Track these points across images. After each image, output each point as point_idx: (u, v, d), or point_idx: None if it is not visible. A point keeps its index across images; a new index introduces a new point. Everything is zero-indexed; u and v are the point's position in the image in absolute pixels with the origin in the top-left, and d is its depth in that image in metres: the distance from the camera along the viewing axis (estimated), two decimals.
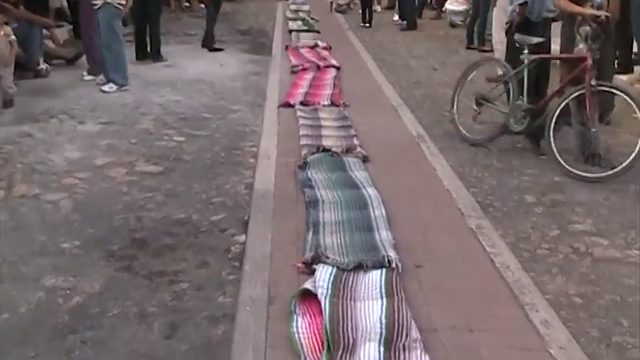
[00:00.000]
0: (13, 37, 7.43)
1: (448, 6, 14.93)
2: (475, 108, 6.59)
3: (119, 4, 8.16)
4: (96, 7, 8.13)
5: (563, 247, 4.23)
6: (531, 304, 3.45)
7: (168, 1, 15.33)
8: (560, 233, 4.43)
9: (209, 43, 11.19)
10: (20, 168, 5.37)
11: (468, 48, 11.61)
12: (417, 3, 15.17)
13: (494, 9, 9.51)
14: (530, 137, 6.23)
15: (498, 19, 9.35)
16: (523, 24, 6.53)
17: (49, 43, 9.69)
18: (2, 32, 7.33)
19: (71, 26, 11.48)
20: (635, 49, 8.51)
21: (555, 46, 7.84)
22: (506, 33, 6.84)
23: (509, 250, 4.11)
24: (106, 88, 8.05)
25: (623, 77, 8.11)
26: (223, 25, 13.73)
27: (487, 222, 4.53)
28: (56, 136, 6.26)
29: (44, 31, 9.40)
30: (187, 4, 16.23)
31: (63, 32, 11.12)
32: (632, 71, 8.22)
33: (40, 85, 8.24)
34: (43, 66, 8.83)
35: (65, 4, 11.77)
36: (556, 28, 7.08)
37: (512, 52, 6.78)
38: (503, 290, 3.61)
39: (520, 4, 6.48)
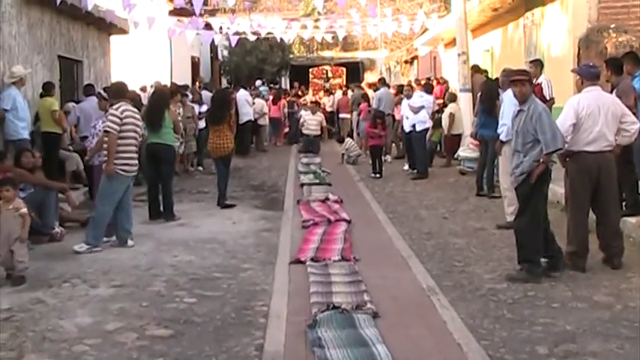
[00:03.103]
0: (24, 209, 7.27)
1: (461, 153, 15.37)
2: None
3: (122, 170, 8.54)
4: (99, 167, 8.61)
5: None
6: None
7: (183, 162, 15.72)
8: None
9: (221, 202, 11.52)
10: (31, 336, 5.46)
11: (478, 195, 11.87)
12: (426, 152, 15.56)
13: (500, 157, 9.82)
14: None
15: (504, 166, 9.66)
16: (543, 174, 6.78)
17: (66, 206, 10.04)
18: (11, 206, 7.22)
19: (87, 188, 11.91)
20: None
21: (560, 189, 8.06)
22: (522, 183, 6.94)
23: None
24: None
25: (632, 219, 8.24)
26: (236, 180, 14.17)
27: None
28: (68, 301, 6.38)
29: (60, 194, 9.79)
30: (200, 167, 16.55)
31: (79, 195, 11.53)
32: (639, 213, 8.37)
33: (54, 249, 8.47)
34: (57, 230, 9.10)
35: (81, 166, 12.26)
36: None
37: (530, 201, 6.90)
38: None
39: (548, 153, 6.71)
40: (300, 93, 29.12)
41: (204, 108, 16.45)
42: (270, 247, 8.50)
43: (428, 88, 16.56)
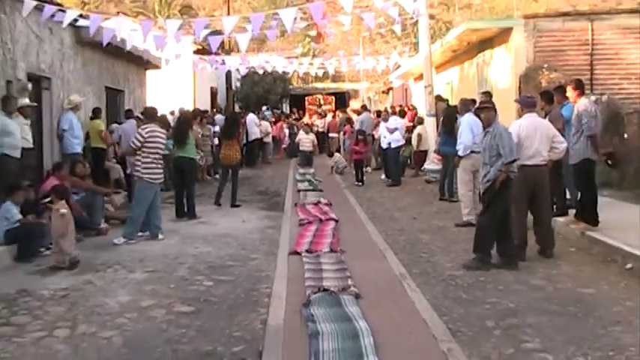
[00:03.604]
0: (63, 210, 7.19)
1: (427, 166, 15.41)
2: None
3: (150, 178, 8.63)
4: (135, 179, 8.74)
5: None
6: None
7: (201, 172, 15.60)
8: (515, 352, 4.46)
9: (216, 201, 11.61)
10: (82, 310, 5.48)
11: (441, 199, 11.88)
12: (399, 165, 15.57)
13: (458, 169, 9.84)
14: None
15: (461, 176, 9.69)
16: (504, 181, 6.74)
17: (110, 207, 10.05)
18: (55, 207, 7.25)
19: (126, 192, 11.91)
20: (567, 196, 8.76)
21: None
22: (488, 189, 6.86)
23: None
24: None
25: (561, 219, 8.29)
26: (245, 187, 14.15)
27: (456, 345, 4.57)
28: (111, 283, 6.39)
29: (105, 198, 9.81)
30: (217, 176, 16.44)
31: (120, 198, 11.52)
32: (567, 214, 8.42)
33: (101, 241, 8.48)
34: (103, 226, 9.12)
35: (122, 175, 12.27)
36: None
37: (491, 204, 6.84)
38: None
39: (507, 163, 6.68)
40: (299, 117, 29.13)
41: (217, 128, 16.50)
42: (273, 241, 8.49)
43: (401, 114, 16.62)
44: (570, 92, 8.17)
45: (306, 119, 27.99)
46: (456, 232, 8.90)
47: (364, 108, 20.90)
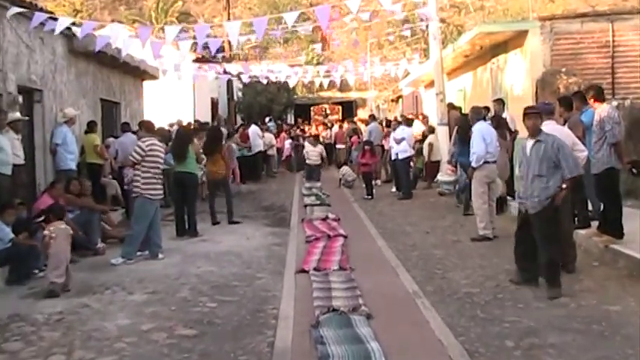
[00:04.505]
0: (46, 231, 7.15)
1: (440, 177, 15.38)
2: None
3: (151, 194, 8.68)
4: (134, 196, 8.86)
5: None
6: None
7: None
8: None
9: (213, 220, 11.58)
10: (79, 335, 5.48)
11: (458, 207, 11.83)
12: (411, 177, 15.59)
13: (472, 181, 9.80)
14: None
15: (476, 188, 9.66)
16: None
17: (106, 226, 10.07)
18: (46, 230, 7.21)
19: (124, 209, 11.95)
20: (589, 207, 8.73)
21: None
22: (547, 206, 6.47)
23: None
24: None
25: (582, 231, 8.26)
26: (249, 202, 14.18)
27: None
28: (109, 305, 6.40)
29: (102, 215, 9.83)
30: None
31: (117, 215, 11.56)
32: (589, 226, 8.38)
33: (98, 262, 8.49)
34: (100, 245, 9.14)
35: (120, 191, 12.30)
36: None
37: (554, 223, 6.53)
38: None
39: (570, 178, 6.41)
40: (304, 129, 29.21)
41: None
42: (279, 259, 8.49)
43: (409, 123, 16.67)
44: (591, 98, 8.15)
45: (312, 130, 28.09)
46: (471, 247, 8.88)
47: (372, 117, 20.97)
